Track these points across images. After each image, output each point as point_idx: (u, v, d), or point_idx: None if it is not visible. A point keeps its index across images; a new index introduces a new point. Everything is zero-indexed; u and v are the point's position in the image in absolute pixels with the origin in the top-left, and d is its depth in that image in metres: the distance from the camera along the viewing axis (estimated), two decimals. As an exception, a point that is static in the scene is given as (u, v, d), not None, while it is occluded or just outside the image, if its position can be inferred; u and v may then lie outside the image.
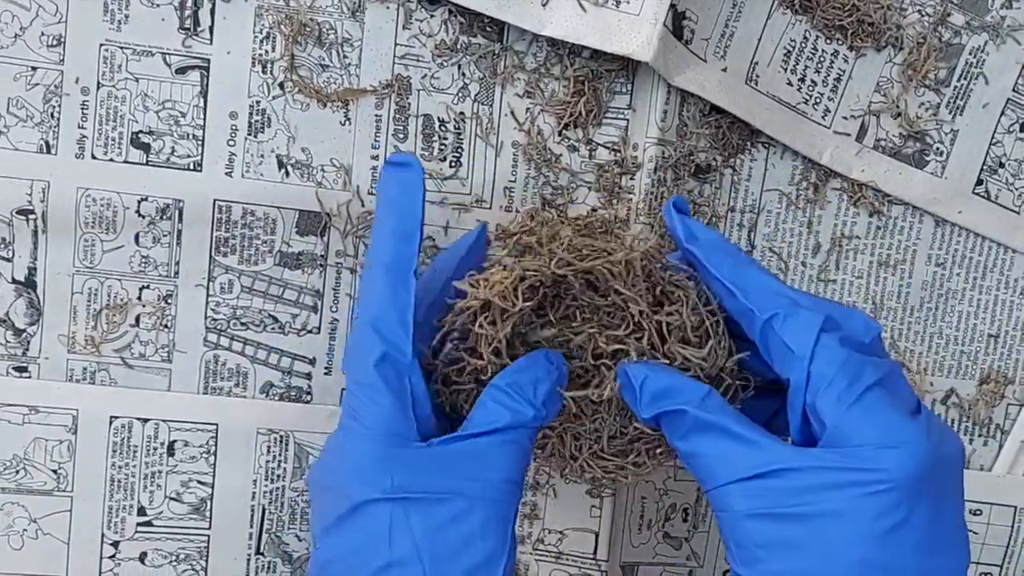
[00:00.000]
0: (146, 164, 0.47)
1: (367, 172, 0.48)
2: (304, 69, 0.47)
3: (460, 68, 0.48)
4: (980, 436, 0.54)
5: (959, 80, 0.51)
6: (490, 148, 0.49)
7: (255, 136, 0.47)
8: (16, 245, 0.47)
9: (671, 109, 0.48)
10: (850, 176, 0.51)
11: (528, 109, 0.48)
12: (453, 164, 0.48)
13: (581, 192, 0.49)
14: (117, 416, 0.48)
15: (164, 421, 0.49)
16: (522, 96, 0.48)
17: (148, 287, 0.48)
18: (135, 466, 0.49)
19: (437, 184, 0.48)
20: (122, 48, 0.46)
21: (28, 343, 0.47)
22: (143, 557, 0.49)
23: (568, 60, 0.48)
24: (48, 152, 0.46)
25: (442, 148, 0.48)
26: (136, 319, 0.48)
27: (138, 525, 0.49)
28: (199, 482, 0.49)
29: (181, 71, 0.46)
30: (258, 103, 0.47)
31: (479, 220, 0.48)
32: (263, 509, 0.50)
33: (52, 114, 0.46)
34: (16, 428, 0.48)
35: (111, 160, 0.47)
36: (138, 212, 0.47)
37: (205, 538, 0.50)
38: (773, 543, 0.35)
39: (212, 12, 0.46)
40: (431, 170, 0.48)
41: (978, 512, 0.54)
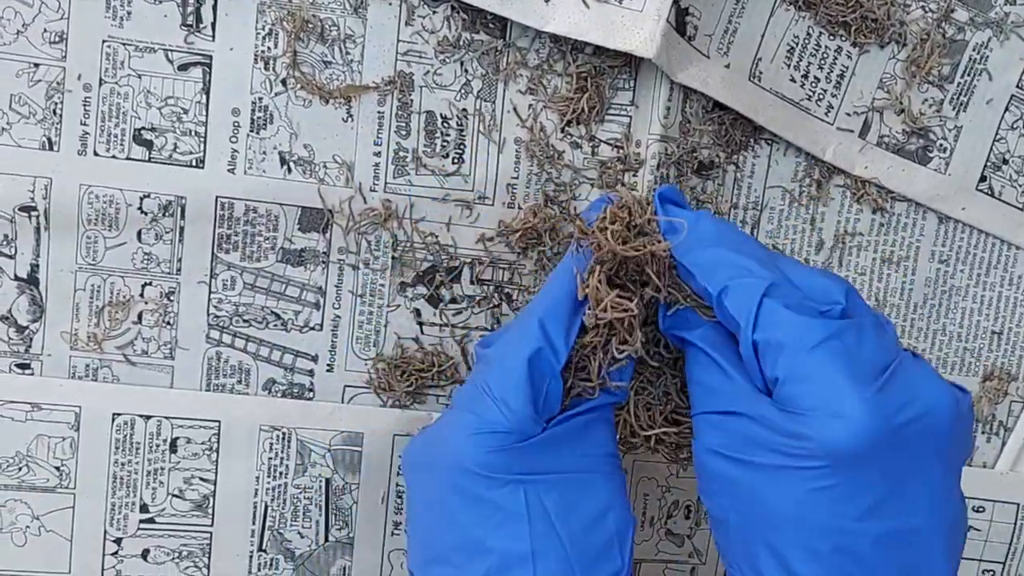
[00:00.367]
0: (148, 161, 0.47)
1: (369, 169, 0.48)
2: (306, 66, 0.47)
3: (463, 65, 0.48)
4: (983, 433, 0.54)
5: (963, 76, 0.51)
6: (493, 145, 0.48)
7: (257, 133, 0.47)
8: (19, 242, 0.47)
9: (674, 106, 0.48)
10: (853, 173, 0.51)
11: (531, 106, 0.48)
12: (456, 161, 0.48)
13: (584, 189, 0.49)
14: (120, 413, 0.48)
15: (166, 418, 0.49)
16: (525, 93, 0.48)
17: (150, 284, 0.48)
18: (137, 463, 0.49)
19: (439, 181, 0.48)
20: (124, 45, 0.46)
21: (31, 340, 0.47)
22: (145, 554, 0.49)
23: (571, 56, 0.48)
24: (50, 149, 0.46)
25: (444, 145, 0.48)
26: (138, 316, 0.48)
27: (140, 522, 0.49)
28: (201, 479, 0.49)
29: (183, 68, 0.46)
30: (260, 100, 0.47)
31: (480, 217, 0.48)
32: (265, 506, 0.50)
33: (54, 111, 0.46)
34: (19, 425, 0.48)
35: (113, 157, 0.46)
36: (140, 209, 0.47)
37: (207, 535, 0.50)
38: (724, 480, 0.37)
39: (214, 8, 0.46)
40: (433, 167, 0.48)
41: (981, 509, 0.54)
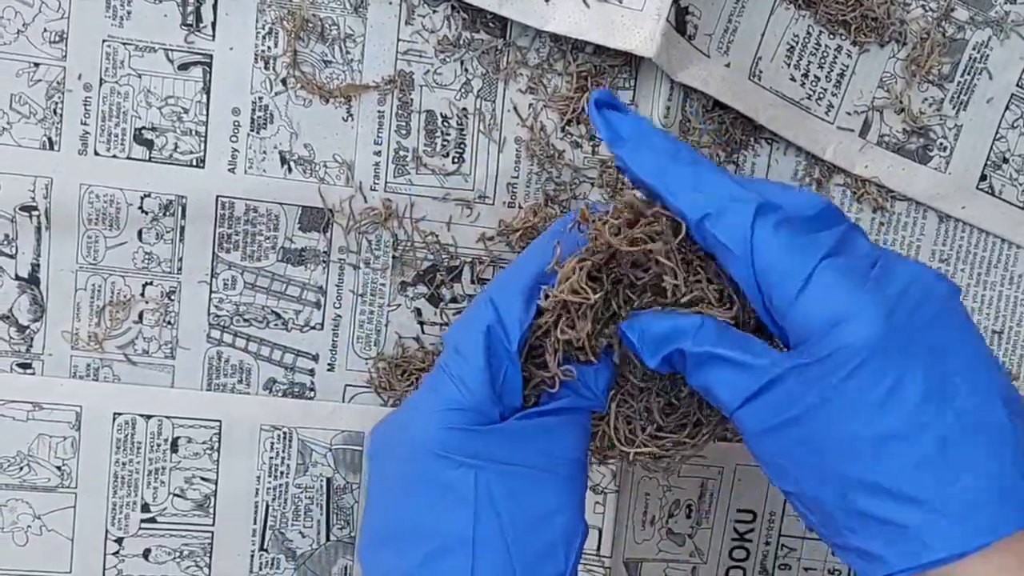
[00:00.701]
0: (149, 160, 0.47)
1: (369, 168, 0.48)
2: (307, 65, 0.47)
3: (463, 64, 0.48)
4: (984, 432, 0.54)
5: (963, 75, 0.51)
6: (493, 144, 0.48)
7: (258, 132, 0.47)
8: (19, 242, 0.47)
9: (674, 105, 0.48)
10: (853, 172, 0.51)
11: (531, 105, 0.48)
12: (456, 160, 0.48)
13: (584, 188, 0.49)
14: (120, 413, 0.48)
15: (167, 418, 0.49)
16: (525, 92, 0.48)
17: (151, 283, 0.48)
18: (139, 462, 0.49)
19: (440, 180, 0.48)
20: (124, 44, 0.46)
21: (32, 340, 0.48)
22: (147, 553, 0.49)
23: (571, 56, 0.48)
24: (51, 148, 0.46)
25: (445, 144, 0.48)
26: (139, 315, 0.48)
27: (142, 522, 0.49)
28: (202, 478, 0.49)
29: (184, 67, 0.46)
30: (261, 99, 0.47)
31: (483, 217, 0.49)
32: (266, 505, 0.50)
33: (55, 110, 0.46)
34: (20, 425, 0.48)
35: (114, 156, 0.47)
36: (141, 208, 0.47)
37: (209, 534, 0.50)
38: (786, 451, 0.35)
39: (214, 8, 0.46)
40: (433, 166, 0.48)
41: (982, 508, 0.54)
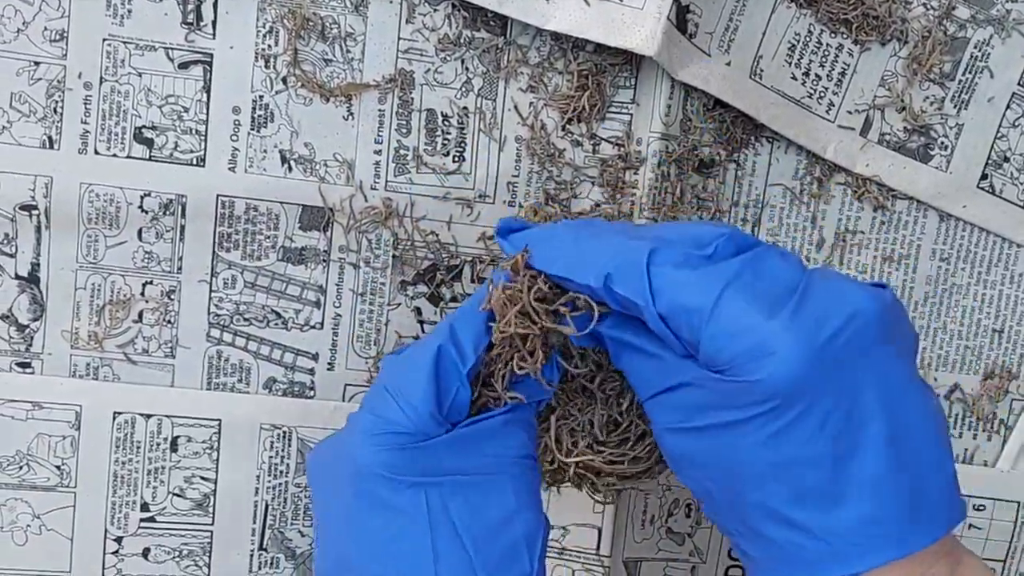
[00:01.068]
0: (149, 159, 0.47)
1: (370, 167, 0.48)
2: (307, 64, 0.47)
3: (463, 63, 0.48)
4: (984, 431, 0.54)
5: (964, 74, 0.51)
6: (493, 143, 0.48)
7: (258, 131, 0.47)
8: (19, 241, 0.47)
9: (675, 104, 0.48)
10: (854, 171, 0.51)
11: (532, 104, 0.48)
12: (456, 159, 0.48)
13: (585, 187, 0.49)
14: (120, 412, 0.48)
15: (167, 417, 0.49)
16: (525, 91, 0.48)
17: (151, 283, 0.48)
18: (138, 462, 0.49)
19: (440, 179, 0.48)
20: (125, 43, 0.46)
21: (31, 339, 0.47)
22: (146, 553, 0.49)
23: (572, 55, 0.48)
24: (51, 147, 0.46)
25: (445, 143, 0.48)
26: (139, 315, 0.48)
27: (141, 521, 0.49)
28: (202, 478, 0.49)
29: (184, 66, 0.46)
30: (261, 98, 0.47)
31: (486, 218, 0.48)
32: (266, 505, 0.50)
33: (55, 109, 0.46)
34: (19, 424, 0.48)
35: (114, 155, 0.46)
36: (141, 207, 0.47)
37: (208, 534, 0.50)
38: (689, 454, 0.36)
39: (215, 6, 0.46)
40: (433, 165, 0.48)
41: (981, 508, 0.54)
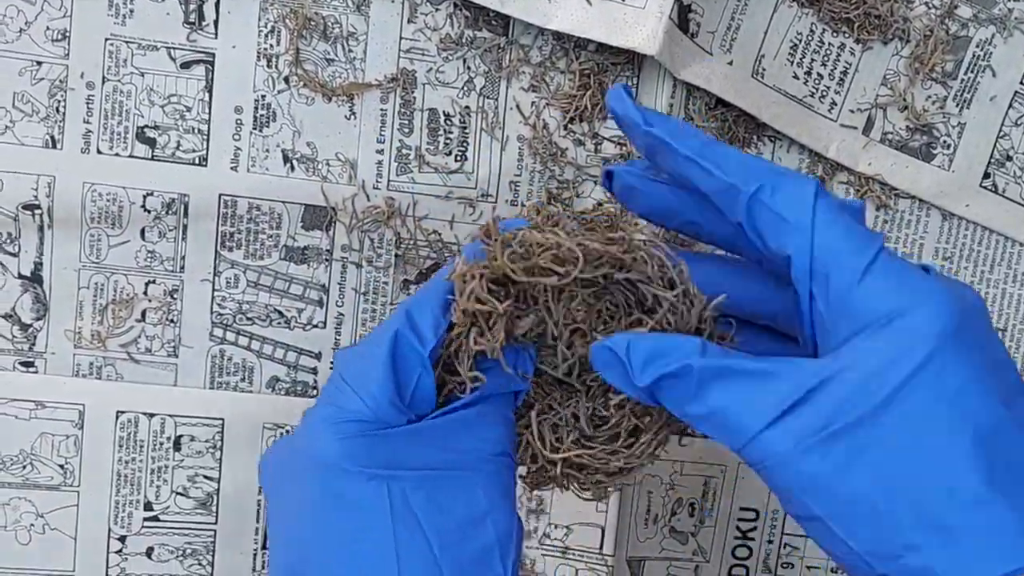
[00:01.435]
0: (151, 159, 0.47)
1: (372, 166, 0.48)
2: (309, 63, 0.47)
3: (465, 62, 0.48)
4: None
5: (966, 73, 0.51)
6: (495, 142, 0.48)
7: (260, 130, 0.47)
8: (22, 240, 0.47)
9: (677, 103, 0.48)
10: (857, 170, 0.51)
11: (534, 103, 0.48)
12: (458, 158, 0.48)
13: (587, 186, 0.49)
14: (123, 411, 0.48)
15: (170, 416, 0.49)
16: (527, 90, 0.48)
17: (154, 282, 0.48)
18: (141, 461, 0.49)
19: (442, 178, 0.48)
20: (127, 43, 0.46)
21: (34, 338, 0.48)
22: (150, 552, 0.49)
23: (574, 54, 0.48)
24: (53, 147, 0.46)
25: (447, 142, 0.48)
26: (142, 314, 0.48)
27: (145, 520, 0.49)
28: (205, 477, 0.49)
29: (186, 65, 0.46)
30: (263, 97, 0.47)
31: (483, 216, 0.48)
32: (269, 504, 0.50)
33: (57, 109, 0.46)
34: (23, 423, 0.48)
35: (116, 155, 0.46)
36: (144, 207, 0.47)
37: (212, 533, 0.50)
38: (837, 467, 0.30)
39: (217, 6, 0.46)
40: (436, 164, 0.48)
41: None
